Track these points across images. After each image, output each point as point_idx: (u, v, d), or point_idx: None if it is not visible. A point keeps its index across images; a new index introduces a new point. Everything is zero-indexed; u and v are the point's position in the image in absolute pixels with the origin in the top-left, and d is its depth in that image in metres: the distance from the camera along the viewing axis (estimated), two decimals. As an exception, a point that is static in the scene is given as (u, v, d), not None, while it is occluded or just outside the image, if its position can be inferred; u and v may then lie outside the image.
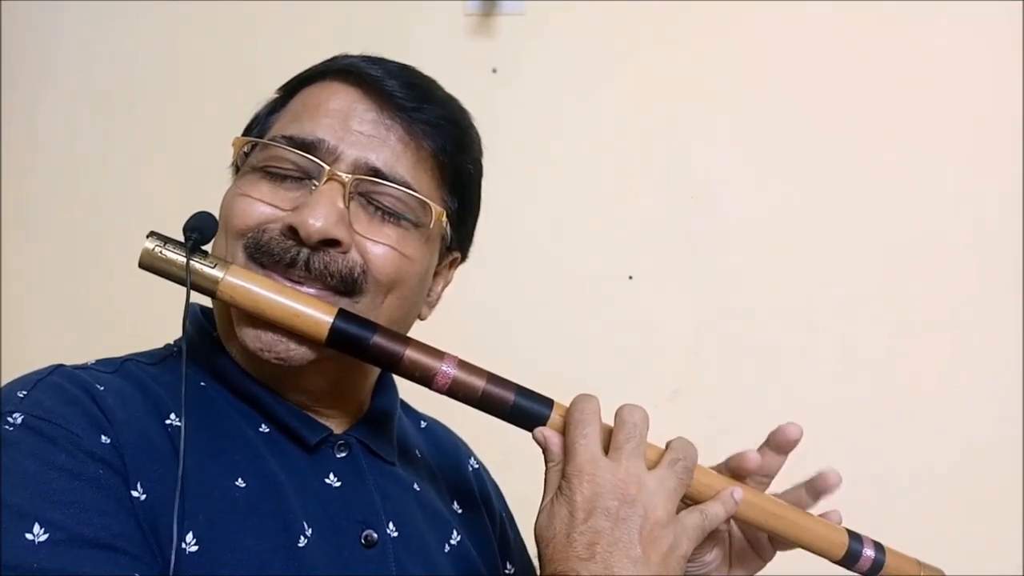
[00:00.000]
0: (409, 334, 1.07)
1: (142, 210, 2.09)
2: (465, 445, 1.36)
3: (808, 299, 2.07)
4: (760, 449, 1.11)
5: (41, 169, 2.20)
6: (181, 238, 0.97)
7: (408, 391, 1.14)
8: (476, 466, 1.33)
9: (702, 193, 2.12)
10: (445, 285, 1.19)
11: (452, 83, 1.19)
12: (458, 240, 1.15)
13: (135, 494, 0.86)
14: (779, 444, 1.10)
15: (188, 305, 0.96)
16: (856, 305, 2.06)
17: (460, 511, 1.21)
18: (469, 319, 2.05)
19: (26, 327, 2.13)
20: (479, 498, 1.27)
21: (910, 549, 1.15)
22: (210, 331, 1.08)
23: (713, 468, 1.10)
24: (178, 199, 1.08)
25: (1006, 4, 2.06)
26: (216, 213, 1.04)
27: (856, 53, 2.11)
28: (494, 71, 2.16)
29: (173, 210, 1.03)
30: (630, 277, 2.11)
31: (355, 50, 1.13)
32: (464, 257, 1.21)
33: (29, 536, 0.79)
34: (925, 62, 2.10)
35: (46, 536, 0.79)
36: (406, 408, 1.28)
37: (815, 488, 1.11)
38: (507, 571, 1.24)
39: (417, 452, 1.21)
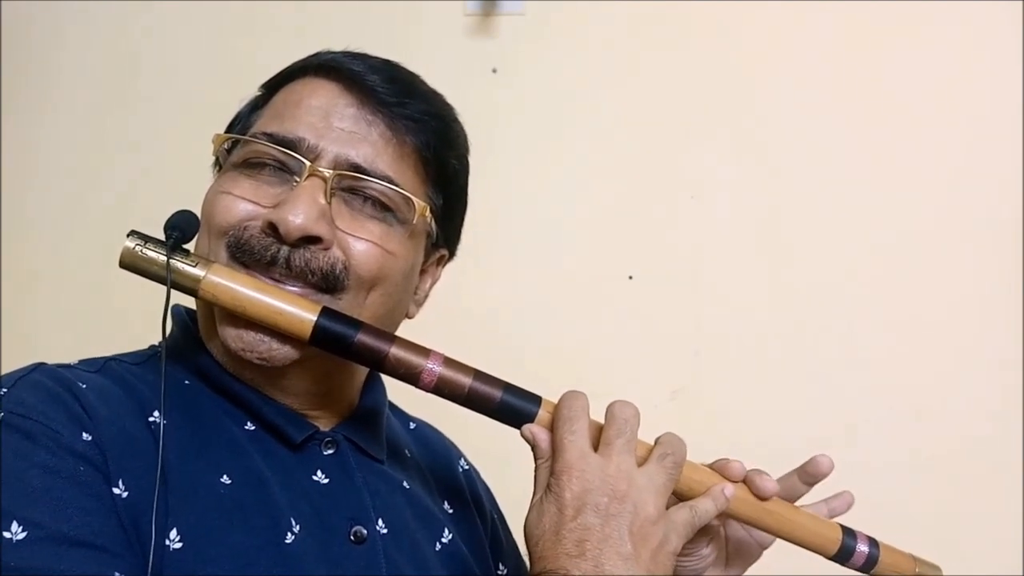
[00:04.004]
0: (400, 332, 1.07)
1: (144, 209, 2.08)
2: (455, 446, 1.35)
3: (808, 298, 2.07)
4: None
5: (42, 168, 2.20)
6: (163, 237, 0.97)
7: (402, 393, 1.14)
8: (466, 467, 1.32)
9: (702, 193, 2.11)
10: (433, 283, 1.18)
11: (452, 83, 1.18)
12: (444, 237, 1.14)
13: (117, 491, 0.85)
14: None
15: (168, 303, 0.95)
16: (856, 305, 2.05)
17: (451, 511, 1.20)
18: (468, 319, 2.05)
19: (26, 327, 2.14)
20: (470, 499, 1.26)
21: (911, 548, 1.15)
22: (195, 331, 1.08)
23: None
24: (180, 199, 1.08)
25: (1006, 4, 2.05)
26: None
27: (856, 53, 2.10)
28: (494, 71, 2.16)
29: (174, 210, 1.03)
30: (630, 277, 2.11)
31: (355, 49, 1.13)
32: (452, 255, 1.20)
33: (7, 535, 0.78)
34: (925, 62, 2.09)
35: (24, 534, 0.78)
36: (395, 410, 1.28)
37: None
38: (500, 572, 1.23)
39: (407, 452, 1.21)
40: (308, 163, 0.99)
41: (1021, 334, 2.00)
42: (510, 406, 1.00)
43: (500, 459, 1.31)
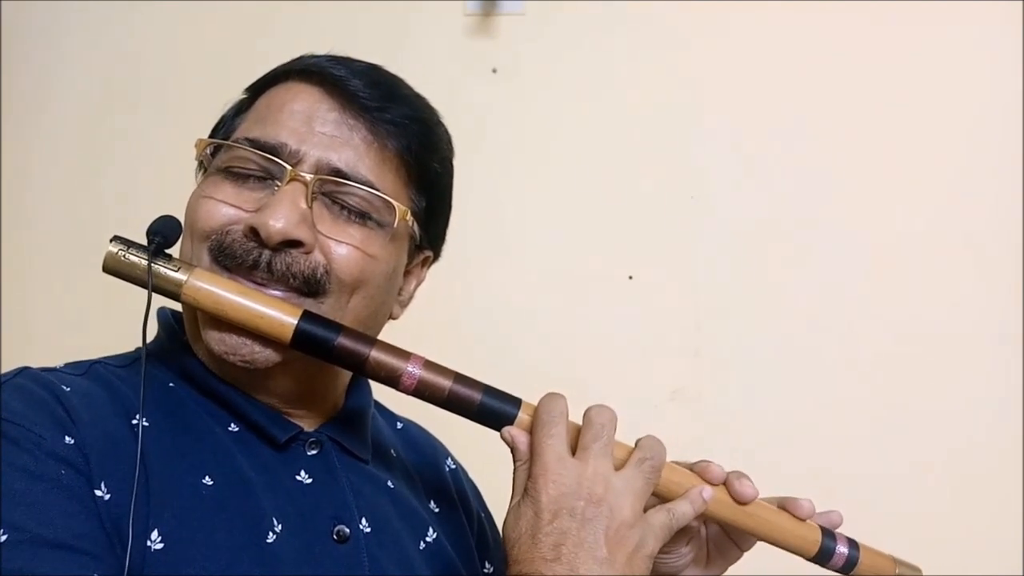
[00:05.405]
0: (391, 333, 1.08)
1: (143, 211, 2.09)
2: (442, 446, 1.35)
3: (808, 299, 2.07)
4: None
5: (41, 170, 2.22)
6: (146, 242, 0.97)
7: (390, 392, 1.14)
8: (453, 466, 1.33)
9: (702, 193, 2.11)
10: (418, 284, 1.18)
11: (452, 83, 1.19)
12: (428, 239, 1.15)
13: (99, 494, 0.86)
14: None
15: (148, 308, 0.95)
16: (856, 305, 2.05)
17: (437, 510, 1.21)
18: (468, 320, 2.06)
19: (27, 328, 2.15)
20: (456, 498, 1.26)
21: (910, 549, 1.15)
22: (180, 334, 1.09)
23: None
24: (178, 200, 1.09)
25: (1006, 4, 2.05)
26: None
27: (856, 53, 2.10)
28: (494, 71, 2.16)
29: (174, 212, 1.04)
30: (630, 277, 2.11)
31: (354, 50, 1.14)
32: (436, 256, 1.20)
33: None
34: (925, 63, 2.09)
35: (5, 537, 0.79)
36: (381, 410, 1.28)
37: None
38: (486, 570, 1.24)
39: (392, 452, 1.21)
40: (289, 168, 1.00)
41: (1021, 334, 1.99)
42: (490, 408, 1.00)
43: (489, 458, 1.31)
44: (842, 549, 1.08)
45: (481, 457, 1.34)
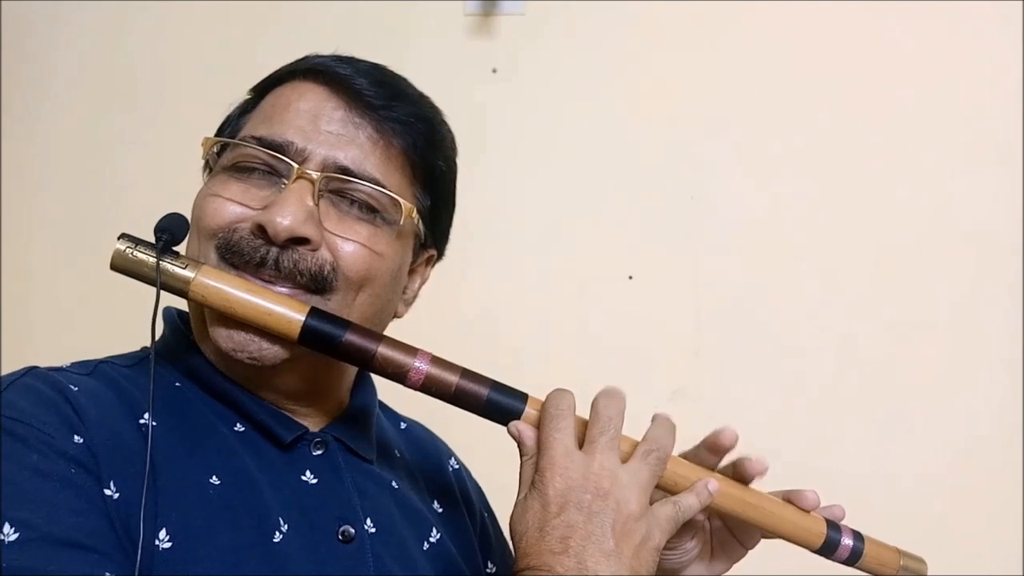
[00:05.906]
0: (393, 332, 1.08)
1: (143, 210, 2.09)
2: (446, 446, 1.36)
3: (808, 299, 2.07)
4: (696, 448, 1.11)
5: (41, 169, 2.21)
6: (153, 240, 0.98)
7: (393, 391, 1.14)
8: (457, 466, 1.33)
9: (702, 193, 2.12)
10: (422, 283, 1.19)
11: (452, 83, 1.19)
12: (433, 237, 1.16)
13: (108, 493, 0.86)
14: (712, 447, 1.09)
15: (157, 305, 0.96)
16: (856, 305, 2.06)
17: (440, 510, 1.21)
18: (468, 320, 2.06)
19: (27, 328, 2.15)
20: (460, 497, 1.27)
21: (910, 549, 1.15)
22: (186, 333, 1.09)
23: (691, 449, 1.11)
24: (179, 200, 1.09)
25: (1006, 4, 2.05)
26: None
27: (855, 53, 2.10)
28: (494, 71, 2.17)
29: (175, 210, 1.04)
30: (630, 277, 2.11)
31: (355, 50, 1.14)
32: (440, 255, 1.21)
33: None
34: (924, 62, 2.09)
35: (16, 536, 0.79)
36: (385, 410, 1.29)
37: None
38: (489, 570, 1.24)
39: (396, 452, 1.21)
40: (296, 166, 1.00)
41: (1021, 334, 2.00)
42: (497, 404, 1.01)
43: (492, 457, 1.31)
44: (847, 541, 1.09)
45: (484, 456, 1.35)
